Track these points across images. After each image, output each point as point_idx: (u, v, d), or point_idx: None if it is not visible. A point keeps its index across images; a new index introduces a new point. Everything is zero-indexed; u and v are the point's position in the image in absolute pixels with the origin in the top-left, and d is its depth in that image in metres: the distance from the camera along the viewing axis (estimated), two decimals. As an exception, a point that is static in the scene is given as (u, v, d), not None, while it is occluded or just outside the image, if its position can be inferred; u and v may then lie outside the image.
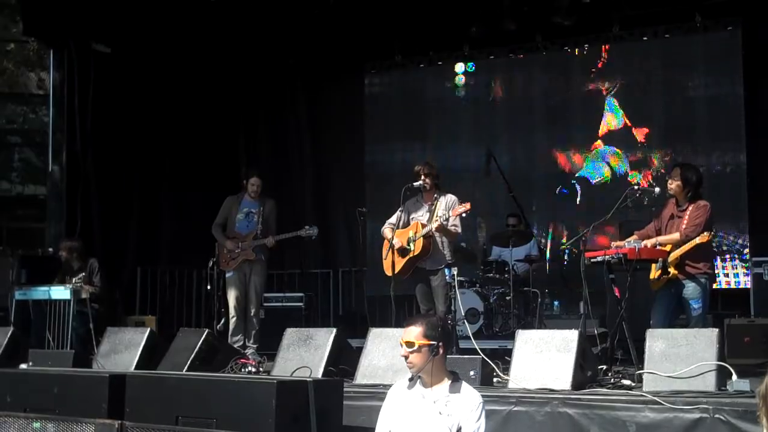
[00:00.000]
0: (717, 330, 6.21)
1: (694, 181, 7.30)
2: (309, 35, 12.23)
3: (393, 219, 8.27)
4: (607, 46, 11.74)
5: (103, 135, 11.58)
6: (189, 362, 7.46)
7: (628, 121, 11.55)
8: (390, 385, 4.65)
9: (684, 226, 7.10)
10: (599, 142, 11.67)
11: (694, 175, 7.33)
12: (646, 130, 11.46)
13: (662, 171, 11.06)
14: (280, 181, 12.61)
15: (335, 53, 12.64)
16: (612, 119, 11.63)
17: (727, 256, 10.72)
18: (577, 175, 11.80)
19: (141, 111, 12.06)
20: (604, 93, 11.70)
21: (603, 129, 11.68)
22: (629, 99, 11.62)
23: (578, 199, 11.76)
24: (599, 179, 11.67)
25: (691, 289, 7.07)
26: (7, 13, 15.86)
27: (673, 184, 7.31)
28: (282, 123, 13.65)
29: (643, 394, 5.84)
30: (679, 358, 6.04)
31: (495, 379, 6.73)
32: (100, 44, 11.64)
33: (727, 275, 10.70)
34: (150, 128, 12.16)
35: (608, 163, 11.63)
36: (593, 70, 11.81)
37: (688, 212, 7.17)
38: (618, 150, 11.60)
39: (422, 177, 8.11)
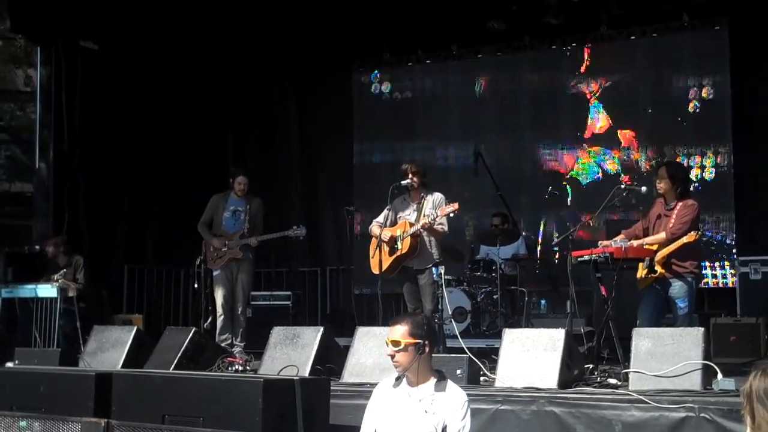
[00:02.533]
0: (703, 329, 6.23)
1: (682, 176, 7.33)
2: (298, 33, 12.20)
3: (380, 218, 8.26)
4: (594, 46, 11.73)
5: (90, 132, 11.53)
6: (176, 361, 7.46)
7: (614, 122, 11.55)
8: (377, 384, 4.65)
9: (671, 225, 7.10)
10: (588, 142, 11.67)
11: (680, 170, 7.36)
12: (632, 130, 11.46)
13: (647, 167, 11.13)
14: (268, 179, 12.57)
15: (324, 51, 12.59)
16: (599, 120, 11.64)
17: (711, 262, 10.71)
18: (567, 176, 11.79)
19: (129, 108, 12.01)
20: (592, 93, 11.70)
21: (590, 130, 11.67)
22: (616, 99, 11.61)
23: (569, 200, 11.76)
24: (590, 180, 11.67)
25: (677, 288, 7.08)
26: (-6, 10, 15.79)
27: (662, 183, 7.30)
28: (270, 121, 13.61)
29: (629, 393, 5.85)
30: (665, 357, 6.06)
31: (482, 378, 6.74)
32: (88, 41, 11.59)
33: (715, 276, 10.71)
34: (138, 126, 12.11)
35: (598, 164, 11.62)
36: (581, 69, 11.79)
37: (675, 211, 7.16)
38: (608, 150, 11.58)
39: (410, 175, 8.09)
